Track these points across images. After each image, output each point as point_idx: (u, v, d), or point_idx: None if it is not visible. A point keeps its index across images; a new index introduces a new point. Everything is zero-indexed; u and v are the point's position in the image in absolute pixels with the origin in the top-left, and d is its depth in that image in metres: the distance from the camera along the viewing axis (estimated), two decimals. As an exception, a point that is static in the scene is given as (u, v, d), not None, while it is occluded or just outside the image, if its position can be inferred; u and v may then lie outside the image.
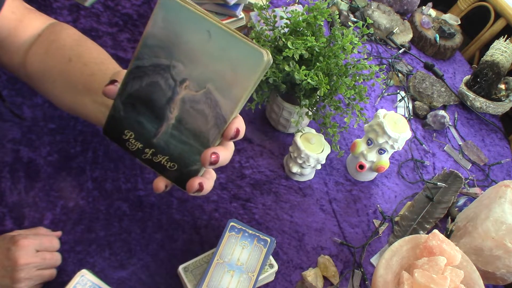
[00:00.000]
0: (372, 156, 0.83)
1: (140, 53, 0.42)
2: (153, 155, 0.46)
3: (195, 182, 0.45)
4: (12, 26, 0.60)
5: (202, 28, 0.39)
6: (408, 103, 1.08)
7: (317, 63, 0.75)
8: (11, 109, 0.72)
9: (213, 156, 0.43)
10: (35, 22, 0.62)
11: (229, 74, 0.40)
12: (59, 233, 0.65)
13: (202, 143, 0.44)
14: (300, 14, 0.78)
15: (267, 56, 0.39)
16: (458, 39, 1.26)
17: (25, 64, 0.61)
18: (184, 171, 0.46)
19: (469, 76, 1.15)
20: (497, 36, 1.24)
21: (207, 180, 0.47)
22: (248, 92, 0.41)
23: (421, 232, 0.81)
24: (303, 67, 0.74)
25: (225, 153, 0.45)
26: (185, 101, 0.43)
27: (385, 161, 0.84)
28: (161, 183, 0.47)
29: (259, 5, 0.80)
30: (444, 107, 1.12)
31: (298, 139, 0.79)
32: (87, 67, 0.57)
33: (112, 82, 0.45)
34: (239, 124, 0.43)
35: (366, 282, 0.75)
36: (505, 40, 1.14)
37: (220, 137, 0.44)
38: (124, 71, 0.46)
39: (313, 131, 0.82)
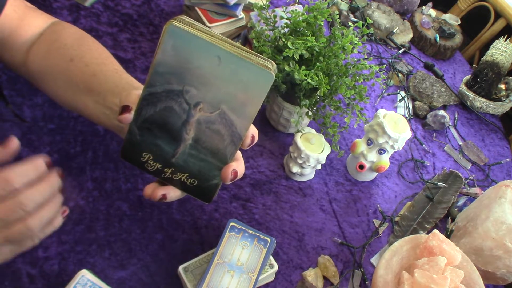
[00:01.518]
0: (372, 156, 0.83)
1: (152, 80, 0.43)
2: (172, 174, 0.48)
3: None
4: (14, 25, 0.60)
5: (211, 53, 0.40)
6: (408, 103, 1.08)
7: (317, 63, 0.75)
8: (15, 112, 0.72)
9: (233, 173, 0.45)
10: (37, 21, 0.63)
11: (241, 94, 0.41)
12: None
13: (220, 159, 0.46)
14: (300, 14, 0.78)
15: (273, 68, 0.40)
16: (458, 39, 1.26)
17: (27, 63, 0.61)
18: (204, 186, 0.48)
19: (469, 76, 1.15)
20: (497, 36, 1.24)
21: None
22: (259, 108, 0.42)
23: (421, 232, 0.81)
24: (303, 67, 0.74)
25: (241, 167, 0.47)
26: (200, 122, 0.44)
27: (385, 161, 0.84)
28: (158, 192, 0.48)
29: (259, 5, 0.80)
30: (444, 107, 1.12)
31: (298, 139, 0.79)
32: (89, 68, 0.57)
33: (126, 109, 0.45)
34: (253, 131, 0.45)
35: (366, 282, 0.75)
36: (505, 40, 1.14)
37: (236, 152, 0.45)
38: (131, 93, 0.46)
39: (313, 131, 0.82)
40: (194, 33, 0.40)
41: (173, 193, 0.49)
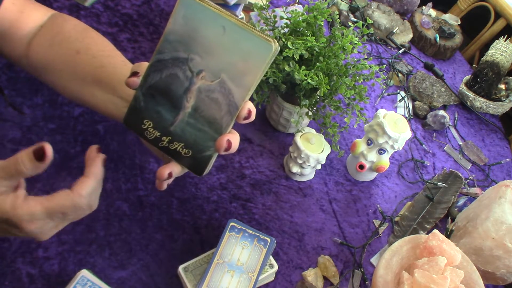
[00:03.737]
0: (372, 156, 0.83)
1: (162, 47, 0.46)
2: (169, 143, 0.49)
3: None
4: (14, 18, 0.61)
5: (217, 23, 0.43)
6: (408, 103, 1.08)
7: (317, 63, 0.75)
8: (11, 102, 0.72)
9: (227, 142, 0.46)
10: (36, 13, 0.63)
11: (241, 63, 0.44)
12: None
13: (216, 129, 0.47)
14: (300, 14, 0.78)
15: (274, 45, 0.42)
16: (458, 39, 1.26)
17: (28, 55, 0.62)
18: (198, 157, 0.49)
19: (469, 76, 1.15)
20: (497, 36, 1.24)
21: None
22: (257, 80, 0.44)
23: (421, 232, 0.81)
24: (303, 67, 0.74)
25: (235, 140, 0.47)
26: (201, 91, 0.46)
27: (385, 161, 0.84)
28: (165, 170, 0.49)
29: (259, 5, 0.80)
30: (444, 107, 1.12)
31: (298, 139, 0.79)
32: (96, 60, 0.59)
33: (135, 74, 0.48)
34: (250, 106, 0.46)
35: (366, 282, 0.75)
36: (505, 40, 1.14)
37: (232, 123, 0.47)
38: (141, 63, 0.49)
39: (313, 131, 0.82)
40: (203, 4, 0.43)
41: (176, 169, 0.51)
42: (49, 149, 0.42)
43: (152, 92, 0.48)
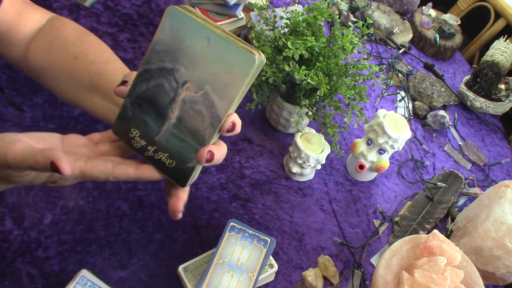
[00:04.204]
0: (372, 156, 0.83)
1: (149, 57, 0.47)
2: (154, 153, 0.50)
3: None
4: (12, 20, 0.61)
5: (202, 35, 0.44)
6: (408, 103, 1.08)
7: (317, 63, 0.75)
8: (11, 101, 0.72)
9: (208, 154, 0.46)
10: (35, 16, 0.63)
11: (225, 76, 0.44)
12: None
13: (198, 141, 0.47)
14: (300, 14, 0.78)
15: (258, 56, 0.43)
16: (458, 39, 1.26)
17: (27, 58, 0.62)
18: (181, 168, 0.49)
19: (469, 76, 1.15)
20: (497, 36, 1.24)
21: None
22: (241, 92, 0.44)
23: (421, 232, 0.81)
24: (303, 67, 0.74)
25: (219, 152, 0.47)
26: (185, 102, 0.46)
27: (385, 161, 0.84)
28: (179, 204, 0.49)
29: (259, 5, 0.80)
30: (444, 107, 1.12)
31: (298, 139, 0.79)
32: (94, 66, 0.58)
33: (124, 83, 0.49)
34: (235, 118, 0.46)
35: (366, 282, 0.75)
36: (505, 40, 1.14)
37: (215, 135, 0.47)
38: (132, 72, 0.50)
39: (313, 131, 0.82)
40: (189, 15, 0.44)
41: (185, 196, 0.51)
42: (66, 169, 0.41)
43: (139, 102, 0.49)
